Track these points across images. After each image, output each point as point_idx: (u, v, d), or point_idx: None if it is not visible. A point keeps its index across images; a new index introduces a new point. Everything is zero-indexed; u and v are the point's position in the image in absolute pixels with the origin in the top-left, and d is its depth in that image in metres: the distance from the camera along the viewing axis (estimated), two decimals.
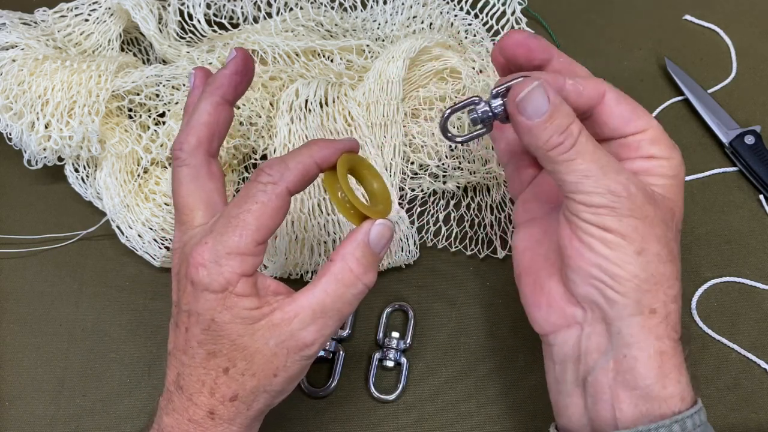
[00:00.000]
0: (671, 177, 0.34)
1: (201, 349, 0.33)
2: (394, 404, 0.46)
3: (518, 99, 0.32)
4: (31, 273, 0.51)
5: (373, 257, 0.34)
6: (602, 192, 0.31)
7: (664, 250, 0.32)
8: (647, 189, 0.32)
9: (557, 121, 0.31)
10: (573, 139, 0.31)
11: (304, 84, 0.49)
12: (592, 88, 0.34)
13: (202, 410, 0.33)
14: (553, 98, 0.32)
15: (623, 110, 0.34)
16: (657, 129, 0.34)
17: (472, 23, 0.55)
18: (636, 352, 0.32)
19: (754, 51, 0.57)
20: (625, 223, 0.31)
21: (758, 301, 0.49)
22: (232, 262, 0.32)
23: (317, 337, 0.33)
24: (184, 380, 0.33)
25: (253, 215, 0.32)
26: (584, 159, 0.31)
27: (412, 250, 0.48)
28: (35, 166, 0.51)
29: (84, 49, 0.55)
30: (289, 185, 0.33)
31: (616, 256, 0.32)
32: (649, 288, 0.32)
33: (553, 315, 0.35)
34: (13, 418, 0.46)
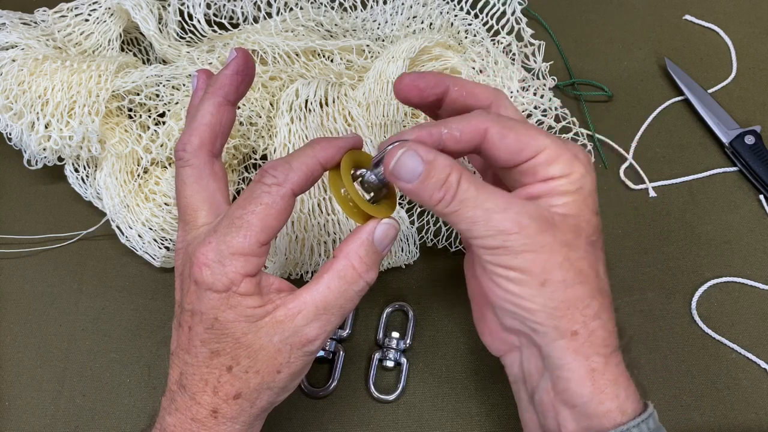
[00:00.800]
0: (573, 192, 0.33)
1: (204, 348, 0.33)
2: (394, 404, 0.46)
3: (391, 168, 0.32)
4: (31, 273, 0.51)
5: (376, 256, 0.34)
6: (492, 234, 0.32)
7: (569, 274, 0.32)
8: (544, 215, 0.32)
9: (434, 178, 0.32)
10: (453, 191, 0.32)
11: (304, 84, 0.49)
12: (472, 129, 0.33)
13: (206, 409, 0.33)
14: (426, 156, 0.32)
15: (509, 143, 0.33)
16: (551, 149, 0.33)
17: (472, 23, 0.55)
18: (567, 374, 0.33)
19: (754, 51, 0.57)
20: (521, 258, 0.32)
21: (758, 301, 0.49)
22: (236, 262, 0.32)
23: (320, 332, 0.33)
24: (187, 379, 0.33)
25: (257, 216, 0.32)
26: (467, 206, 0.32)
27: (412, 250, 0.48)
28: (35, 166, 0.51)
29: (84, 49, 0.55)
30: (293, 186, 0.33)
31: (523, 291, 0.32)
32: (563, 314, 0.32)
33: (496, 341, 0.38)
34: (13, 418, 0.46)
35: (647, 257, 0.50)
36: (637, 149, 0.54)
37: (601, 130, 0.54)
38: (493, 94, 0.36)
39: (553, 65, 0.55)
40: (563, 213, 0.33)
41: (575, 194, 0.33)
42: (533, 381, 0.36)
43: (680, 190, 0.53)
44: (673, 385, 0.46)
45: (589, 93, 0.56)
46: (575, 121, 0.51)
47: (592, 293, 0.33)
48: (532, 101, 0.51)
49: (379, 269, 0.48)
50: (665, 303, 0.49)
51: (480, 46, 0.53)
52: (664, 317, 0.48)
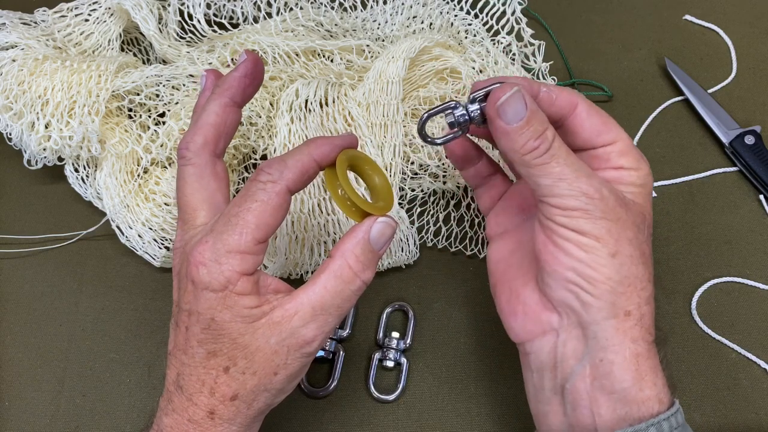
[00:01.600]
0: (640, 186, 0.35)
1: (201, 349, 0.33)
2: (394, 404, 0.46)
3: (498, 103, 0.33)
4: (31, 273, 0.51)
5: (373, 255, 0.34)
6: (576, 194, 0.32)
7: (636, 252, 0.33)
8: (619, 193, 0.34)
9: (533, 127, 0.32)
10: (548, 144, 0.32)
11: (304, 84, 0.49)
12: (565, 98, 0.35)
13: (202, 410, 0.33)
14: (530, 104, 0.33)
15: (594, 122, 0.35)
16: (626, 141, 0.35)
17: (472, 23, 0.55)
18: (612, 356, 0.32)
19: (754, 51, 0.57)
20: (598, 225, 0.32)
21: (758, 301, 0.49)
22: (233, 260, 0.32)
23: (318, 333, 0.33)
24: (184, 380, 0.33)
25: (253, 214, 0.32)
26: (558, 163, 0.32)
27: (412, 250, 0.48)
28: (35, 166, 0.51)
29: (84, 49, 0.55)
30: (288, 183, 0.33)
31: (591, 259, 0.32)
32: (623, 290, 0.32)
33: (529, 323, 0.36)
34: (13, 418, 0.46)
35: None
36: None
37: None
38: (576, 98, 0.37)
39: (553, 65, 0.55)
40: (632, 198, 0.34)
41: (642, 188, 0.35)
42: (567, 367, 0.34)
43: (680, 190, 0.53)
44: None
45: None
46: None
47: (650, 277, 0.34)
48: None
49: (379, 269, 0.48)
50: (665, 303, 0.49)
51: (480, 46, 0.53)
52: (664, 317, 0.48)
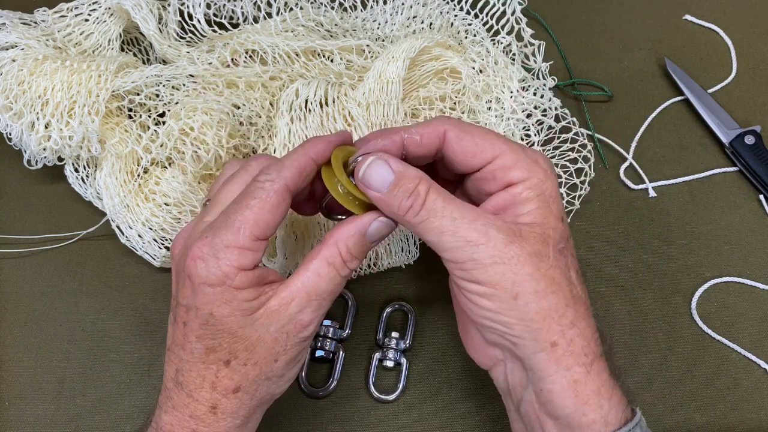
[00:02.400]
0: (535, 199, 0.33)
1: (200, 344, 0.33)
2: (394, 404, 0.46)
3: (361, 176, 0.33)
4: (31, 273, 0.51)
5: (365, 247, 0.35)
6: (461, 245, 0.32)
7: (540, 284, 0.32)
8: (511, 227, 0.32)
9: (403, 187, 0.32)
10: (421, 200, 0.32)
11: (304, 84, 0.49)
12: (431, 132, 0.34)
13: (204, 406, 0.33)
14: (395, 166, 0.33)
15: (465, 146, 0.34)
16: (507, 154, 0.34)
17: (472, 23, 0.55)
18: (549, 386, 0.33)
19: (754, 51, 0.57)
20: (491, 271, 0.32)
21: (758, 301, 0.49)
22: (231, 255, 0.32)
23: (314, 317, 0.34)
24: (183, 376, 0.33)
25: (252, 210, 0.32)
26: (436, 216, 0.32)
27: (412, 250, 0.48)
28: (35, 166, 0.51)
29: (84, 49, 0.55)
30: (287, 182, 0.33)
31: (496, 306, 0.32)
32: (540, 325, 0.32)
33: (480, 356, 0.38)
34: (13, 418, 0.46)
35: (647, 257, 0.50)
36: (637, 149, 0.54)
37: (601, 130, 0.54)
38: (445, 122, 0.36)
39: (553, 65, 0.55)
40: (529, 222, 0.33)
41: (537, 200, 0.33)
42: (518, 393, 0.36)
43: (680, 190, 0.53)
44: (673, 385, 0.46)
45: (589, 93, 0.56)
46: (575, 121, 0.51)
47: (566, 302, 0.32)
48: (532, 101, 0.51)
49: (379, 269, 0.48)
50: (665, 303, 0.49)
51: (480, 46, 0.53)
52: (664, 317, 0.48)
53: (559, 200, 0.34)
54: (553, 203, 0.34)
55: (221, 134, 0.47)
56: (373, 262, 0.48)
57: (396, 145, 0.34)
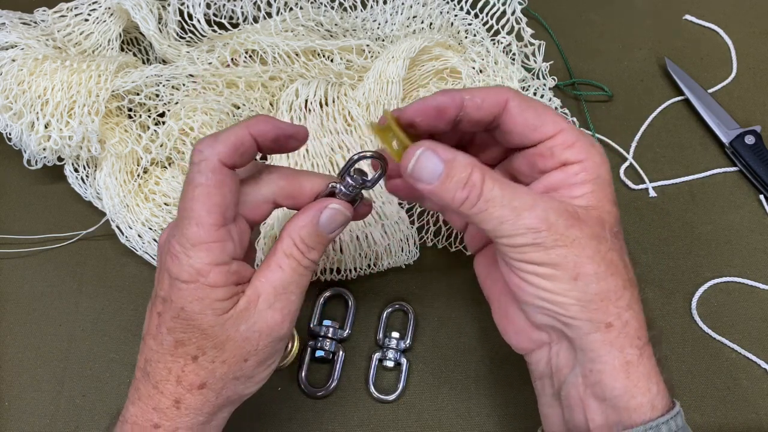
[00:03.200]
0: (591, 182, 0.32)
1: (170, 336, 0.32)
2: (394, 404, 0.46)
3: (410, 171, 0.31)
4: (31, 273, 0.51)
5: (320, 238, 0.34)
6: (522, 232, 0.31)
7: (600, 266, 0.32)
8: (569, 210, 0.32)
9: (456, 177, 0.31)
10: (478, 191, 0.31)
11: (304, 84, 0.49)
12: (493, 98, 0.33)
13: (168, 399, 0.33)
14: (444, 156, 0.31)
15: (527, 117, 0.32)
16: (568, 132, 0.33)
17: (472, 23, 0.55)
18: (600, 366, 0.32)
19: (754, 51, 0.57)
20: (553, 254, 0.31)
21: (758, 301, 0.49)
22: (200, 253, 0.31)
23: (285, 314, 0.33)
24: (152, 367, 0.33)
25: (199, 201, 0.31)
26: (494, 206, 0.31)
27: (412, 250, 0.48)
28: (35, 166, 0.51)
29: (84, 49, 0.55)
30: (220, 156, 0.31)
31: (555, 286, 0.32)
32: (597, 306, 0.32)
33: (522, 339, 0.37)
34: (13, 418, 0.46)
35: (647, 257, 0.50)
36: (638, 149, 0.54)
37: (601, 130, 0.54)
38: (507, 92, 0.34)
39: (553, 65, 0.55)
40: (585, 205, 0.32)
41: (593, 184, 0.32)
42: (561, 376, 0.35)
43: (680, 190, 0.53)
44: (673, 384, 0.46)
45: (589, 93, 0.56)
46: (575, 121, 0.51)
47: (624, 284, 0.32)
48: None
49: (379, 269, 0.48)
50: (665, 303, 0.49)
51: (480, 46, 0.53)
52: (664, 317, 0.48)
53: (612, 185, 0.33)
54: (607, 186, 0.33)
55: None
56: (373, 262, 0.48)
57: (455, 103, 0.32)
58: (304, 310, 0.48)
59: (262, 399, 0.46)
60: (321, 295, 0.49)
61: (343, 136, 0.48)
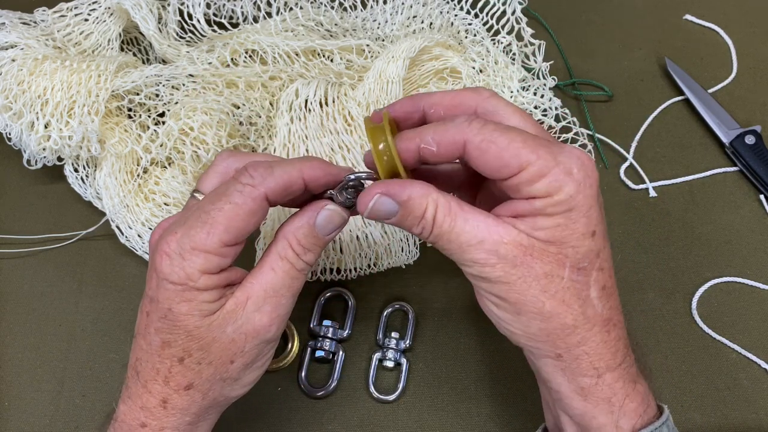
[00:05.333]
0: (559, 215, 0.31)
1: (157, 337, 0.33)
2: (394, 404, 0.46)
3: (366, 215, 0.32)
4: (31, 273, 0.51)
5: (317, 240, 0.34)
6: (469, 264, 0.32)
7: (546, 306, 0.31)
8: (523, 244, 0.31)
9: (410, 216, 0.32)
10: (429, 227, 0.31)
11: (304, 84, 0.49)
12: (449, 143, 0.31)
13: (156, 398, 0.33)
14: (399, 197, 0.31)
15: (488, 159, 0.31)
16: (536, 165, 0.30)
17: (472, 23, 0.55)
18: (557, 387, 0.33)
19: (755, 51, 0.57)
20: (497, 288, 0.31)
21: (758, 301, 0.49)
22: (196, 258, 0.31)
23: (273, 317, 0.33)
24: (141, 366, 0.33)
25: (225, 215, 0.31)
26: (443, 240, 0.32)
27: (412, 250, 0.48)
28: (35, 165, 0.51)
29: (84, 48, 0.54)
30: (268, 191, 0.32)
31: (502, 315, 0.33)
32: (543, 340, 0.32)
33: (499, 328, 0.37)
34: (13, 418, 0.46)
35: (647, 257, 0.50)
36: (638, 149, 0.54)
37: (601, 130, 0.54)
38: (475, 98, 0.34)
39: (554, 65, 0.55)
40: (545, 240, 0.31)
41: (561, 216, 0.31)
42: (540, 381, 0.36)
43: (680, 190, 0.52)
44: (673, 385, 0.46)
45: (590, 93, 0.56)
46: (575, 121, 0.51)
47: (575, 322, 0.31)
48: (532, 101, 0.51)
49: (379, 269, 0.48)
50: (665, 303, 0.49)
51: (480, 46, 0.53)
52: (664, 317, 0.48)
53: (591, 213, 0.31)
54: (580, 218, 0.31)
55: (221, 134, 0.47)
56: (373, 262, 0.48)
57: (412, 154, 0.32)
58: (304, 310, 0.48)
59: (262, 399, 0.46)
60: (321, 295, 0.49)
61: (343, 136, 0.48)
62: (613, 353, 0.33)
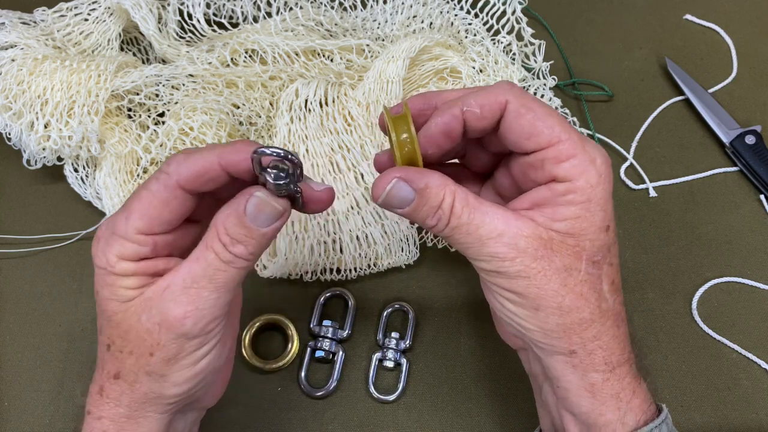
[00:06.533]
0: (578, 206, 0.30)
1: (98, 323, 0.33)
2: (394, 404, 0.46)
3: (381, 201, 0.31)
4: (30, 273, 0.51)
5: (247, 231, 0.30)
6: (486, 259, 0.31)
7: (566, 300, 0.31)
8: (543, 237, 0.30)
9: (426, 206, 0.31)
10: (446, 218, 0.31)
11: (304, 84, 0.49)
12: (492, 103, 0.31)
13: (97, 384, 0.33)
14: (417, 184, 0.31)
15: (522, 124, 0.30)
16: (565, 144, 0.30)
17: (472, 23, 0.55)
18: (566, 385, 0.33)
19: (755, 51, 0.57)
20: (515, 284, 0.31)
21: (758, 301, 0.49)
22: (114, 243, 0.31)
23: (189, 309, 0.30)
24: (98, 353, 0.34)
25: (140, 202, 0.31)
26: (460, 233, 0.31)
27: (412, 250, 0.48)
28: (34, 165, 0.51)
29: (83, 48, 0.54)
30: (180, 179, 0.31)
31: (518, 311, 0.32)
32: (559, 336, 0.32)
33: (508, 339, 0.38)
34: (13, 418, 0.46)
35: (647, 257, 0.50)
36: (638, 149, 0.54)
37: (601, 130, 0.54)
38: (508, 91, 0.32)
39: (554, 65, 0.55)
40: (564, 232, 0.31)
41: (581, 207, 0.30)
42: (539, 381, 0.36)
43: (681, 190, 0.52)
44: (673, 385, 0.46)
45: (590, 93, 0.56)
46: (575, 120, 0.51)
47: (592, 317, 0.32)
48: None
49: (379, 269, 0.48)
50: (665, 303, 0.49)
51: (480, 46, 0.53)
52: (664, 317, 0.48)
53: (607, 207, 0.31)
54: (598, 212, 0.31)
55: (221, 134, 0.47)
56: (373, 262, 0.48)
57: (458, 121, 0.31)
58: (304, 311, 0.48)
59: (262, 399, 0.46)
60: (321, 295, 0.49)
61: (343, 136, 0.48)
62: (622, 348, 0.33)
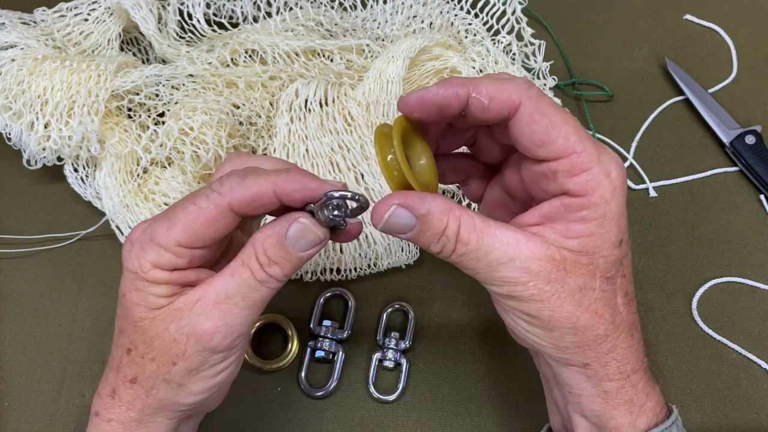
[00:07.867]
0: (592, 222, 0.29)
1: (118, 323, 0.33)
2: (394, 404, 0.46)
3: (380, 227, 0.30)
4: (30, 273, 0.51)
5: (286, 254, 0.31)
6: (497, 284, 0.30)
7: (581, 320, 0.30)
8: (555, 258, 0.29)
9: (429, 232, 0.30)
10: (451, 245, 0.30)
11: (304, 84, 0.49)
12: (503, 100, 0.29)
13: (109, 387, 0.33)
14: (418, 211, 0.29)
15: (535, 131, 0.29)
16: (580, 156, 0.28)
17: (472, 23, 0.55)
18: (578, 391, 0.32)
19: (755, 51, 0.57)
20: (528, 306, 0.30)
21: (758, 301, 0.48)
22: (151, 251, 0.31)
23: (219, 325, 0.31)
24: (111, 352, 0.34)
25: (185, 215, 0.31)
26: (469, 259, 0.30)
27: (412, 250, 0.48)
28: (34, 165, 0.51)
29: (83, 48, 0.54)
30: (233, 202, 0.30)
31: (532, 330, 0.31)
32: (574, 351, 0.31)
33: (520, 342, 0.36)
34: (13, 418, 0.46)
35: (648, 257, 0.50)
36: (638, 149, 0.54)
37: (601, 130, 0.54)
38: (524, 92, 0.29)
39: (554, 65, 0.55)
40: (577, 250, 0.30)
41: (595, 224, 0.29)
42: (550, 384, 0.36)
43: (681, 190, 0.52)
44: (673, 385, 0.46)
45: (590, 93, 0.56)
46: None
47: (606, 332, 0.31)
48: None
49: (379, 269, 0.48)
50: (665, 303, 0.49)
51: (480, 46, 0.53)
52: (665, 317, 0.48)
53: (621, 221, 0.30)
54: (613, 227, 0.29)
55: (221, 134, 0.47)
56: (373, 262, 0.48)
57: (460, 101, 0.29)
58: (304, 311, 0.48)
59: (262, 399, 0.46)
60: (321, 295, 0.49)
61: (343, 136, 0.48)
62: (636, 356, 0.32)
